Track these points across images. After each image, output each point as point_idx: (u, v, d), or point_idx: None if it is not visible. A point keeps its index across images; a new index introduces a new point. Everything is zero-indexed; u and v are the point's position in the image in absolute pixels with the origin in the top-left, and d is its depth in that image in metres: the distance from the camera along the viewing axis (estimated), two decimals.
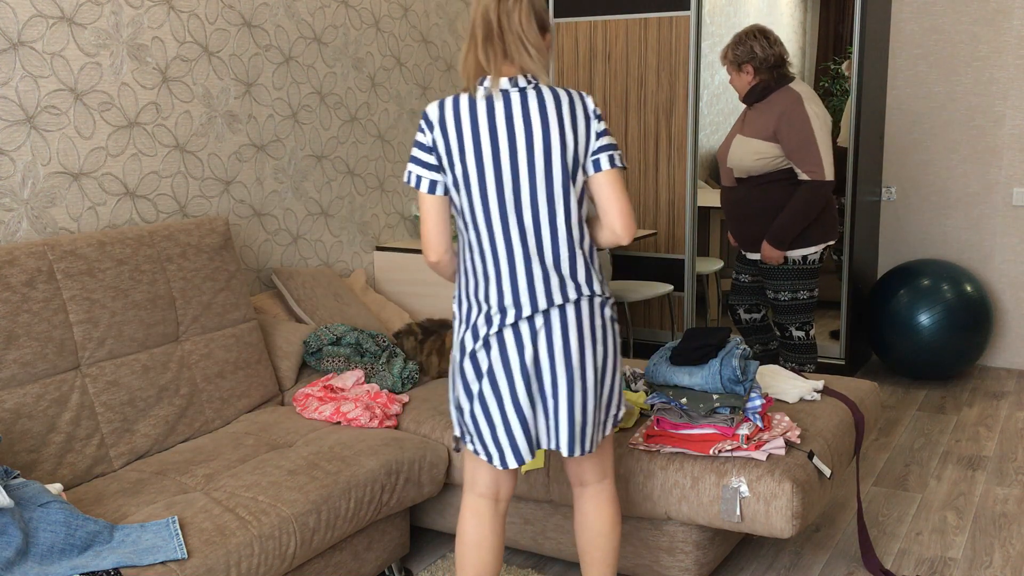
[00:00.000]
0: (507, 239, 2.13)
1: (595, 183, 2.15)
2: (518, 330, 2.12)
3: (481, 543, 2.23)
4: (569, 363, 2.12)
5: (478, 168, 2.11)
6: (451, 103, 2.13)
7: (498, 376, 2.12)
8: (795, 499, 2.39)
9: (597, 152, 2.14)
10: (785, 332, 3.76)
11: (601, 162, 2.14)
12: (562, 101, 2.12)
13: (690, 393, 2.53)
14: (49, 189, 2.80)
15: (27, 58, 2.72)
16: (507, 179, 2.11)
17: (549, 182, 2.11)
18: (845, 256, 4.65)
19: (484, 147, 2.10)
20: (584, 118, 2.13)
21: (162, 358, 2.75)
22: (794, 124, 3.46)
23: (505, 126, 2.10)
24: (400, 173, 4.26)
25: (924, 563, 2.89)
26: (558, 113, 2.11)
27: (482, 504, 2.25)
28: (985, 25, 4.75)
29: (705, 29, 4.90)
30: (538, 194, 2.11)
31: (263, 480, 2.39)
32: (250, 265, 3.52)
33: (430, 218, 2.17)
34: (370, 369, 3.17)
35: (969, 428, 4.06)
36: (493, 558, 2.25)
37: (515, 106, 2.11)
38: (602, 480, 2.29)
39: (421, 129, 2.15)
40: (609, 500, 2.29)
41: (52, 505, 2.02)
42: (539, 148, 2.10)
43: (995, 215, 4.87)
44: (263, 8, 3.48)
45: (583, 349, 2.13)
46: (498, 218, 2.12)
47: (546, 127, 2.10)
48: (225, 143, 3.37)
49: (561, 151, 2.11)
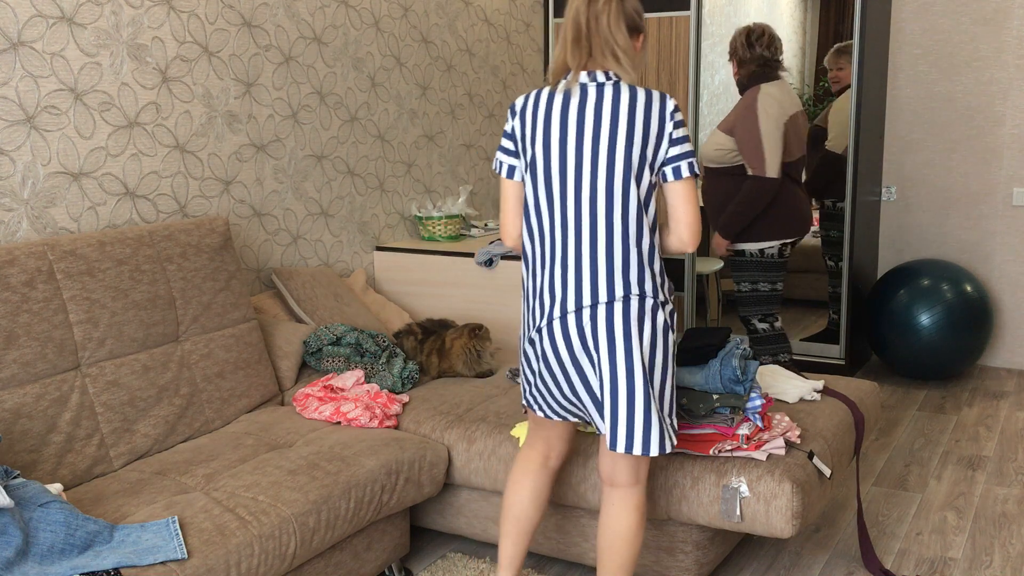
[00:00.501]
0: (564, 229, 2.19)
1: (668, 190, 2.19)
2: (566, 323, 2.19)
3: (522, 484, 2.40)
4: (613, 358, 2.15)
5: (544, 156, 2.18)
6: (534, 94, 2.23)
7: (551, 363, 2.22)
8: (795, 499, 2.39)
9: (675, 160, 2.16)
10: (749, 325, 3.83)
11: (681, 170, 2.16)
12: (638, 100, 2.14)
13: (690, 393, 2.53)
14: (49, 189, 2.80)
15: (27, 58, 2.72)
16: (570, 170, 2.16)
17: (610, 177, 2.14)
18: (845, 256, 4.65)
19: (552, 137, 2.17)
20: (659, 120, 2.14)
21: (162, 358, 2.75)
22: (746, 121, 3.56)
23: (576, 119, 2.16)
24: (400, 173, 4.27)
25: (924, 563, 2.89)
26: (630, 111, 2.13)
27: (532, 454, 2.42)
28: (985, 25, 4.75)
29: (705, 29, 4.90)
30: (597, 188, 2.15)
31: (263, 480, 2.39)
32: (250, 265, 3.52)
33: (507, 203, 2.29)
34: (370, 369, 3.17)
35: (969, 428, 4.06)
36: (530, 502, 2.40)
37: (589, 100, 2.15)
38: (633, 485, 2.28)
39: (507, 118, 2.27)
40: (636, 506, 2.29)
41: (52, 505, 2.02)
42: (604, 143, 2.13)
43: (995, 215, 4.87)
44: (263, 8, 3.48)
45: (630, 347, 2.15)
46: (559, 207, 2.19)
47: (615, 123, 2.13)
48: (225, 143, 3.37)
49: (626, 148, 2.13)
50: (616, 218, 2.15)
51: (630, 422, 2.16)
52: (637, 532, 2.29)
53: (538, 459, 2.42)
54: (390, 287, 4.10)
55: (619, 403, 2.16)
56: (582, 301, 2.17)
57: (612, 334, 2.14)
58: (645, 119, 2.13)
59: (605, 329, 2.15)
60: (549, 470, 2.42)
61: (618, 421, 2.16)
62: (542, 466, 2.42)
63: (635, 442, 2.17)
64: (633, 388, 2.15)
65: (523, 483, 2.41)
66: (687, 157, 2.16)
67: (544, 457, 2.42)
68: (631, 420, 2.16)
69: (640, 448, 2.17)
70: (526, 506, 2.41)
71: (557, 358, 2.21)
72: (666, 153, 2.16)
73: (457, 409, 2.95)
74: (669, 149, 2.16)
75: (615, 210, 2.15)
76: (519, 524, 2.41)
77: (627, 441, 2.17)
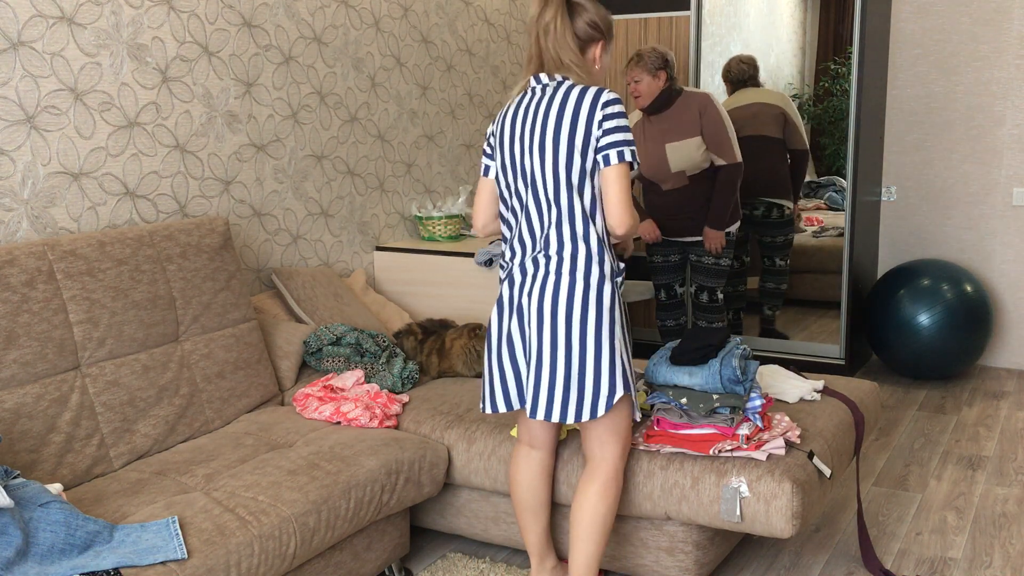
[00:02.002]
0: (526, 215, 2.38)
1: (600, 176, 2.31)
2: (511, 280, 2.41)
3: (514, 477, 2.57)
4: (541, 326, 2.32)
5: (504, 154, 2.40)
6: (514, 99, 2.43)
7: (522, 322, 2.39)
8: (795, 499, 2.39)
9: (605, 148, 2.28)
10: (713, 295, 4.27)
11: (610, 157, 2.29)
12: (571, 96, 2.31)
13: (690, 393, 2.53)
14: (49, 189, 2.80)
15: (27, 58, 2.72)
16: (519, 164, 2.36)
17: (556, 177, 2.31)
18: (845, 256, 4.65)
19: (506, 136, 2.40)
20: (589, 111, 2.28)
21: (162, 358, 2.75)
22: (713, 119, 3.96)
23: (523, 120, 2.36)
24: (400, 173, 4.27)
25: (924, 563, 2.89)
26: (561, 106, 2.30)
27: (520, 449, 2.58)
28: (985, 25, 4.75)
29: (705, 29, 4.90)
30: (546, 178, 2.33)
31: (263, 480, 2.39)
32: (250, 265, 3.52)
33: (478, 196, 2.52)
34: (370, 369, 3.17)
35: (969, 428, 4.07)
36: (524, 491, 2.56)
37: (534, 100, 2.35)
38: (601, 460, 2.41)
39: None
40: (601, 477, 2.41)
41: (52, 505, 2.02)
42: (549, 141, 2.30)
43: (995, 215, 4.87)
44: (263, 8, 3.48)
45: (556, 312, 2.31)
46: (515, 198, 2.40)
47: (553, 118, 2.30)
48: (225, 143, 3.37)
49: (568, 145, 2.28)
50: (563, 203, 2.31)
51: (551, 390, 2.32)
52: (599, 502, 2.39)
53: (523, 450, 2.58)
54: (390, 287, 4.10)
55: (543, 367, 2.33)
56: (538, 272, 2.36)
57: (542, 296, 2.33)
58: (574, 113, 2.29)
59: (551, 300, 2.32)
60: (535, 460, 2.56)
61: (539, 387, 2.33)
62: (527, 457, 2.56)
63: (567, 412, 2.32)
64: (555, 357, 2.31)
65: (515, 475, 2.57)
66: (616, 146, 2.28)
67: (528, 448, 2.56)
68: (552, 389, 2.32)
69: (554, 415, 2.33)
70: (521, 499, 2.56)
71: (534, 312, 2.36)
72: (597, 142, 2.28)
73: (457, 409, 2.95)
74: (600, 138, 2.28)
75: (561, 196, 2.31)
76: (521, 508, 2.57)
77: (549, 408, 2.33)
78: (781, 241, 4.85)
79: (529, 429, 2.54)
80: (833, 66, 5.82)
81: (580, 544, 2.40)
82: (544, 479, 2.56)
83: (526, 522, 2.58)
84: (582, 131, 2.27)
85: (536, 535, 2.59)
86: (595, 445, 2.41)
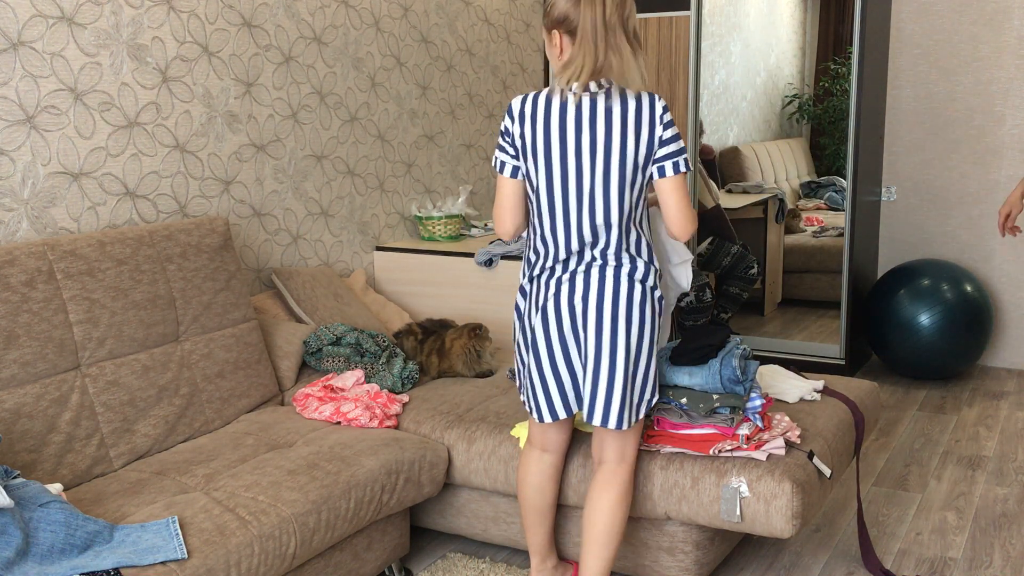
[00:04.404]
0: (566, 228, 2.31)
1: (658, 187, 2.30)
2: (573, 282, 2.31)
3: (524, 479, 2.54)
4: (600, 331, 2.28)
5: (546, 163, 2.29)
6: (532, 98, 2.31)
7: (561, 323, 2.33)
8: (795, 499, 2.39)
9: (663, 159, 2.27)
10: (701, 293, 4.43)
11: (665, 169, 2.27)
12: (629, 107, 2.24)
13: (690, 393, 2.53)
14: (49, 189, 2.80)
15: (27, 58, 2.72)
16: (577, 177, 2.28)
17: (620, 186, 2.27)
18: (845, 256, 4.64)
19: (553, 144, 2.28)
20: (649, 124, 2.25)
21: (162, 358, 2.75)
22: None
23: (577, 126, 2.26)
24: (400, 173, 4.27)
25: (924, 563, 2.89)
26: (623, 119, 2.24)
27: (531, 452, 2.55)
28: (985, 25, 4.75)
29: (705, 29, 4.90)
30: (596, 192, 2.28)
31: (263, 480, 2.39)
32: (250, 265, 3.52)
33: (507, 200, 2.38)
34: (370, 369, 3.17)
35: (969, 428, 4.06)
36: (532, 493, 2.53)
37: (584, 110, 2.26)
38: (619, 462, 2.41)
39: (505, 119, 2.35)
40: (619, 482, 2.40)
41: (52, 505, 2.02)
42: (616, 151, 2.24)
43: (995, 215, 4.87)
44: (263, 8, 3.48)
45: (616, 321, 2.28)
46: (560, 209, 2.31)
47: (624, 131, 2.24)
48: (225, 143, 3.37)
49: (634, 155, 2.25)
50: (614, 219, 2.28)
51: (608, 397, 2.30)
52: (617, 507, 2.38)
53: (535, 454, 2.54)
54: (390, 287, 4.10)
55: (600, 375, 2.30)
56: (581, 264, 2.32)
57: (600, 305, 2.28)
58: (636, 123, 2.24)
59: (595, 298, 2.29)
60: (546, 464, 2.53)
61: (596, 394, 2.30)
62: (538, 460, 2.54)
63: (623, 419, 2.31)
64: (614, 363, 2.29)
65: (525, 477, 2.54)
66: (674, 157, 2.27)
67: (540, 452, 2.53)
68: (609, 394, 2.29)
69: (611, 421, 2.30)
70: (529, 495, 2.54)
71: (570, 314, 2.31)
72: (656, 153, 2.27)
73: (457, 409, 2.95)
74: (658, 150, 2.26)
75: (613, 212, 2.28)
76: (528, 510, 2.55)
77: (589, 412, 2.32)
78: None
79: (543, 432, 2.50)
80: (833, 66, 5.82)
81: (597, 550, 2.38)
82: (554, 482, 2.55)
83: (532, 523, 2.57)
84: (645, 142, 2.24)
85: (541, 536, 2.58)
86: (615, 449, 2.40)
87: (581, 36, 2.20)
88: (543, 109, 2.27)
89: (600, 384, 2.30)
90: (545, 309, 2.33)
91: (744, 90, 5.52)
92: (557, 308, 2.32)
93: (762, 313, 5.42)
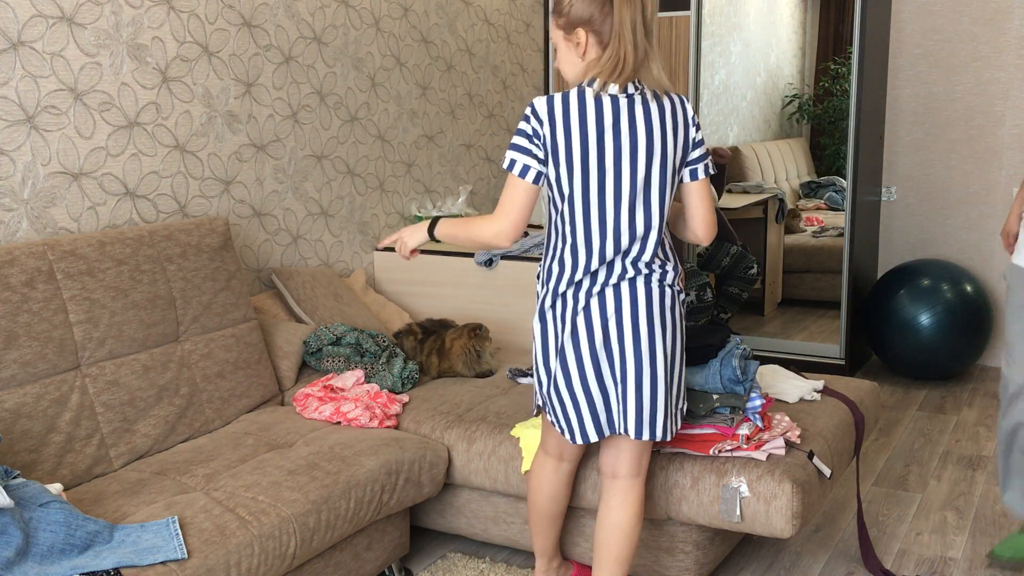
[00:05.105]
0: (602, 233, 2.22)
1: (687, 191, 2.29)
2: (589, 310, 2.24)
3: (540, 488, 2.49)
4: (638, 342, 2.22)
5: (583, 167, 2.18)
6: (561, 99, 2.18)
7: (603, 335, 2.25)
8: (795, 499, 2.39)
9: (695, 162, 2.27)
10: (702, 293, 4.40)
11: (698, 171, 2.27)
12: (666, 110, 2.21)
13: (690, 393, 2.53)
14: (49, 189, 2.80)
15: (27, 58, 2.72)
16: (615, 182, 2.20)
17: (662, 191, 2.22)
18: (845, 256, 4.65)
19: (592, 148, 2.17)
20: (684, 127, 2.24)
21: (162, 358, 2.75)
22: None
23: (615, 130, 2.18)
24: (400, 173, 4.26)
25: (924, 563, 2.89)
26: (661, 121, 2.20)
27: (546, 461, 2.49)
28: (985, 25, 4.75)
29: (705, 29, 4.90)
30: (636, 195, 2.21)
31: (263, 480, 2.39)
32: (250, 265, 3.52)
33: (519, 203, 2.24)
34: (370, 369, 3.17)
35: (969, 428, 4.06)
36: (547, 501, 2.49)
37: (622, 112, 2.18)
38: (635, 476, 2.35)
39: (530, 119, 2.20)
40: (636, 498, 2.35)
41: (52, 505, 2.02)
42: (657, 155, 2.20)
43: (995, 215, 4.87)
44: (263, 8, 3.48)
45: (652, 330, 2.23)
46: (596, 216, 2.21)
47: (663, 136, 2.20)
48: (225, 143, 3.37)
49: (673, 159, 2.22)
50: (654, 224, 2.23)
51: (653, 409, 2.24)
52: (635, 525, 2.34)
53: (551, 464, 2.48)
54: (390, 287, 4.10)
55: (643, 387, 2.24)
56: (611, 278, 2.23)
57: (636, 316, 2.22)
58: (674, 128, 2.22)
59: (629, 310, 2.22)
60: (563, 472, 2.48)
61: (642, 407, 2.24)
62: (555, 469, 2.48)
63: (667, 429, 2.27)
64: (656, 373, 2.24)
65: (541, 486, 2.49)
66: (705, 159, 2.28)
67: (558, 461, 2.47)
68: (654, 407, 2.24)
69: (657, 433, 2.25)
70: (544, 503, 2.50)
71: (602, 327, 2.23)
72: (688, 156, 2.27)
73: (457, 409, 2.95)
74: (690, 153, 2.26)
75: (653, 215, 2.23)
76: (540, 516, 2.51)
77: (643, 427, 2.25)
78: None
79: (559, 443, 2.42)
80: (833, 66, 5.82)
81: (614, 566, 2.34)
82: (569, 488, 2.52)
83: (543, 528, 2.53)
84: (681, 144, 2.23)
85: (550, 540, 2.55)
86: (632, 462, 2.34)
87: (619, 35, 2.13)
88: (577, 111, 2.16)
89: (644, 396, 2.22)
90: (576, 326, 2.24)
91: (744, 90, 5.53)
92: (588, 325, 2.23)
93: (762, 313, 5.43)
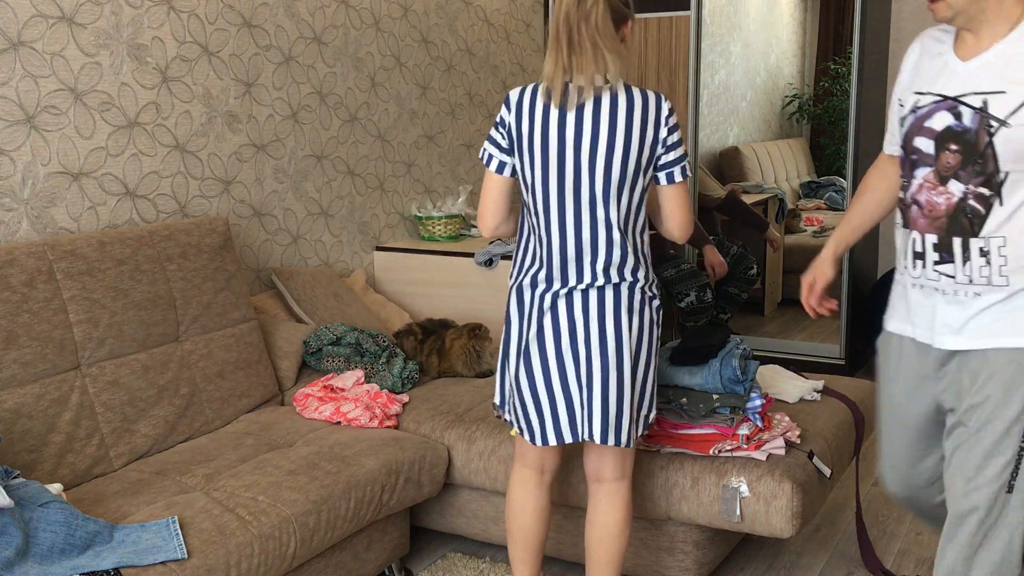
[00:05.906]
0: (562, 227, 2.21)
1: (661, 193, 2.26)
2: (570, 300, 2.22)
3: (524, 507, 2.37)
4: (604, 347, 2.19)
5: (543, 161, 2.19)
6: (531, 91, 2.21)
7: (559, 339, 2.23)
8: (795, 499, 2.39)
9: (669, 165, 2.22)
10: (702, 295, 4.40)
11: (674, 175, 2.23)
12: (635, 106, 2.17)
13: (690, 393, 2.53)
14: (49, 189, 2.80)
15: (27, 58, 2.72)
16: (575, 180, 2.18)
17: (619, 191, 2.19)
18: (845, 256, 4.64)
19: (551, 142, 2.17)
20: (655, 126, 2.19)
21: (162, 358, 2.75)
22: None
23: (577, 126, 2.16)
24: (400, 173, 4.26)
25: (924, 563, 2.89)
26: (628, 118, 2.16)
27: (527, 474, 2.38)
28: None
29: (705, 29, 4.90)
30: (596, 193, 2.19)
31: (263, 480, 2.39)
32: (250, 265, 3.52)
33: (489, 194, 2.28)
34: (370, 369, 3.17)
35: None
36: (534, 521, 2.37)
37: (586, 107, 2.16)
38: (620, 479, 2.33)
39: (502, 109, 2.24)
40: (623, 501, 2.33)
41: (52, 505, 2.02)
42: (618, 154, 2.16)
43: None
44: (263, 8, 3.48)
45: (620, 335, 2.20)
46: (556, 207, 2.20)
47: (628, 134, 2.16)
48: (225, 143, 3.37)
49: (636, 160, 2.17)
50: (613, 219, 2.20)
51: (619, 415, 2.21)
52: (625, 527, 2.33)
53: (534, 478, 2.38)
54: (390, 287, 4.10)
55: (609, 393, 2.20)
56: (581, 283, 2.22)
57: (603, 321, 2.20)
58: (642, 126, 2.17)
59: (596, 315, 2.20)
60: (545, 485, 2.39)
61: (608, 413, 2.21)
62: (538, 483, 2.38)
63: (630, 435, 2.24)
64: (622, 381, 2.21)
65: (525, 506, 2.38)
66: (680, 162, 2.23)
67: (539, 473, 2.38)
68: (619, 413, 2.21)
69: (622, 440, 2.22)
70: (530, 528, 2.39)
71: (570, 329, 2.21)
72: (660, 159, 2.22)
73: (457, 409, 2.95)
74: (663, 155, 2.21)
75: (612, 213, 2.20)
76: (528, 542, 2.39)
77: (619, 433, 2.22)
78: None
79: (539, 453, 2.36)
80: (833, 66, 5.82)
81: (606, 568, 2.33)
82: (549, 512, 2.41)
83: (523, 557, 2.40)
84: (648, 147, 2.17)
85: (532, 569, 2.42)
86: (616, 467, 2.31)
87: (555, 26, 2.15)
88: (542, 101, 2.18)
89: (610, 401, 2.19)
90: (542, 326, 2.23)
91: (744, 90, 5.53)
92: (556, 326, 2.22)
93: (762, 313, 5.42)
